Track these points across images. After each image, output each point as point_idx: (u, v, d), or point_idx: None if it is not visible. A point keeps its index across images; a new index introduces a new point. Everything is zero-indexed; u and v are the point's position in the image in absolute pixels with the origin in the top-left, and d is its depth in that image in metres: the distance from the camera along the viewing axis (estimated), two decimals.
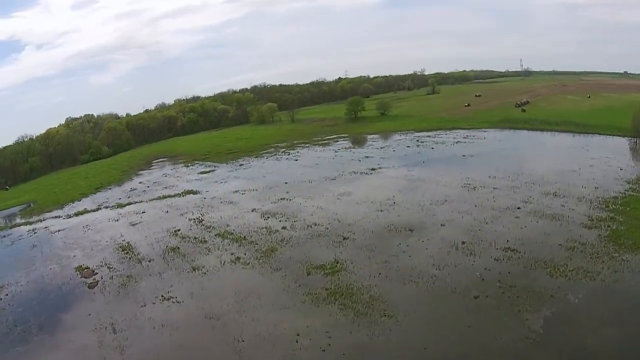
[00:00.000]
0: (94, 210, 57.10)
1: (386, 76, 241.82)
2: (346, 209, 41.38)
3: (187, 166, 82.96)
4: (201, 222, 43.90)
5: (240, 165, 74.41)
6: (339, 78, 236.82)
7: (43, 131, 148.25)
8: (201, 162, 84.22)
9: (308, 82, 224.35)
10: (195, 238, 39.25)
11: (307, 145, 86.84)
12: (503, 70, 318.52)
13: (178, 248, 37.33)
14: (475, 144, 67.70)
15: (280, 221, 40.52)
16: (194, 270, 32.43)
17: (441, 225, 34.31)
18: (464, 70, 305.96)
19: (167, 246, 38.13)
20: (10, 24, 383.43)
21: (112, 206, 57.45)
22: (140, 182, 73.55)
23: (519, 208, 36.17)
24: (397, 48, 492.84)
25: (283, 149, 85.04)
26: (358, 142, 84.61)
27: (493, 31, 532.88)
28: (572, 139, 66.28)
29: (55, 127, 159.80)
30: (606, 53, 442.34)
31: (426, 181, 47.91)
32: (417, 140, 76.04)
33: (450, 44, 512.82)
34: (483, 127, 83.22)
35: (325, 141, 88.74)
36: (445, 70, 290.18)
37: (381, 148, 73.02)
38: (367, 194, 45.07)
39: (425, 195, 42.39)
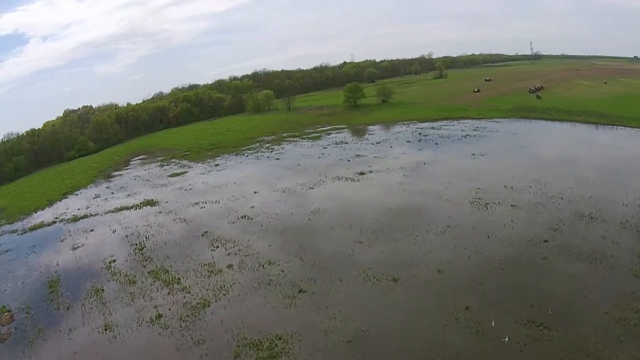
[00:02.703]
0: (48, 225, 49.55)
1: (392, 60, 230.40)
2: (315, 238, 31.84)
3: (162, 166, 74.17)
4: (142, 250, 35.94)
5: (216, 165, 65.11)
6: (344, 62, 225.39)
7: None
8: (178, 161, 75.50)
9: (311, 67, 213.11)
10: (125, 276, 31.36)
11: (295, 139, 77.24)
12: (512, 53, 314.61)
13: (102, 290, 29.82)
14: (486, 139, 57.54)
15: (229, 254, 31.45)
16: (106, 329, 24.75)
17: (438, 271, 24.51)
18: (473, 54, 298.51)
19: (93, 286, 30.58)
20: (14, 18, 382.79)
21: (68, 220, 49.66)
22: (107, 187, 65.22)
23: (546, 241, 26.31)
24: (405, 32, 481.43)
25: (268, 144, 75.60)
26: (352, 135, 74.45)
27: (502, 14, 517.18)
28: (597, 133, 56.83)
29: (52, 120, 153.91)
30: (616, 37, 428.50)
31: (425, 193, 38.10)
32: (420, 134, 66.00)
33: (458, 27, 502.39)
34: (495, 116, 73.18)
35: (317, 134, 79.20)
36: (453, 53, 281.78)
37: (376, 144, 62.82)
38: (347, 214, 35.57)
39: (422, 217, 32.69)
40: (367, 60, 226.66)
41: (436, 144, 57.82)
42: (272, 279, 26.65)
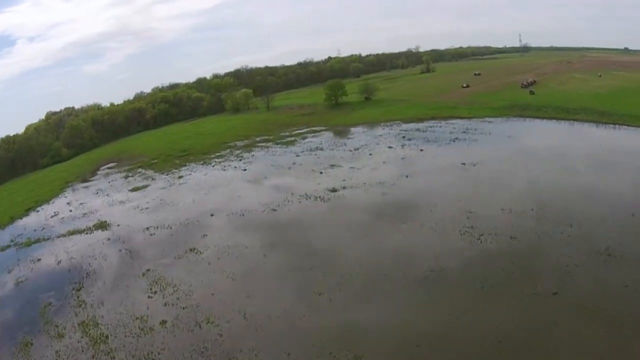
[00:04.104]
0: (2, 249, 44.13)
1: (378, 54, 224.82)
2: (266, 286, 25.88)
3: (127, 177, 67.82)
4: (79, 290, 30.81)
5: (180, 177, 58.85)
6: (329, 57, 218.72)
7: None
8: (143, 171, 69.10)
9: (295, 63, 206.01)
10: (56, 327, 26.49)
11: (268, 144, 71.11)
12: (501, 46, 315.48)
13: (31, 344, 25.11)
14: (478, 143, 52.01)
15: (166, 304, 25.94)
16: None
17: (416, 345, 18.67)
18: (460, 47, 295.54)
19: (24, 337, 25.89)
20: (2, 20, 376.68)
21: (21, 244, 44.27)
22: (68, 203, 58.95)
23: (555, 294, 20.65)
24: (394, 26, 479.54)
25: (239, 150, 69.49)
26: (329, 139, 68.26)
27: (490, 5, 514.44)
28: (600, 134, 52.02)
29: (34, 123, 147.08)
30: (606, 28, 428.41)
31: (406, 219, 32.32)
32: (404, 137, 60.29)
33: (446, 19, 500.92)
34: (486, 115, 67.77)
35: (292, 137, 73.31)
36: (440, 47, 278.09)
37: (355, 150, 56.86)
38: (310, 250, 29.76)
39: (401, 255, 26.90)
40: (352, 55, 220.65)
41: (421, 150, 52.01)
42: (207, 345, 20.97)
